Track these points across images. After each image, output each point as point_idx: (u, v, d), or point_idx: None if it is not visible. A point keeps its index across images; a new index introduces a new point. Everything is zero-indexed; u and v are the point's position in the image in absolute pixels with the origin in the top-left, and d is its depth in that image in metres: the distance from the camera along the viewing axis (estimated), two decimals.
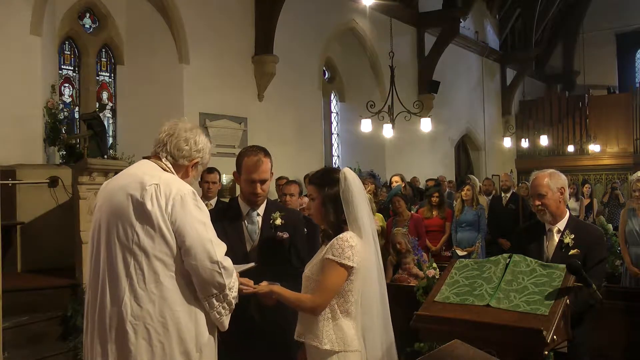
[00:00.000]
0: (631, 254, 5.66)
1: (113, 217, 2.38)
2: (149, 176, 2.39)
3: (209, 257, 2.33)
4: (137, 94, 8.77)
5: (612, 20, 20.80)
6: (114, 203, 2.40)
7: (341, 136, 13.55)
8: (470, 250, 7.75)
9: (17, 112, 6.69)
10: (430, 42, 14.33)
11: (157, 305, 2.31)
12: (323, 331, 2.64)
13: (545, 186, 3.35)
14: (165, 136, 2.54)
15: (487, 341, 2.33)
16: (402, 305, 4.15)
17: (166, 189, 2.36)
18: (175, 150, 2.51)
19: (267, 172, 3.08)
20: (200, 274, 2.33)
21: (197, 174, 2.63)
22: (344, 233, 2.69)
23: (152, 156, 2.56)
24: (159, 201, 2.33)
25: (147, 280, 2.30)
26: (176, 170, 2.52)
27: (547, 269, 2.58)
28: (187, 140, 2.52)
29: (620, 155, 18.60)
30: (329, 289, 2.64)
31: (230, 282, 2.40)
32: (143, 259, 2.31)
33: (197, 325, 2.39)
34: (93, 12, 8.78)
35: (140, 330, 2.29)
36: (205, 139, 2.60)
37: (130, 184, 2.40)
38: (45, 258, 6.18)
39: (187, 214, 2.34)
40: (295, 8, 10.20)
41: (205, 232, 2.36)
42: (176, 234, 2.33)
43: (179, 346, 2.34)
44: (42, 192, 6.33)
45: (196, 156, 2.56)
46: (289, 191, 5.42)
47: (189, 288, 2.37)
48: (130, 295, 2.30)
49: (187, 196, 2.38)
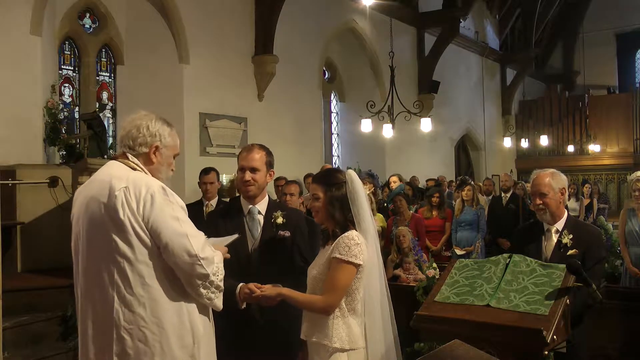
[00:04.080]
0: (631, 254, 5.66)
1: (90, 229, 2.38)
2: (117, 179, 2.36)
3: (187, 252, 2.32)
4: (137, 94, 8.77)
5: (612, 20, 20.80)
6: (89, 214, 2.39)
7: (341, 136, 13.55)
8: (469, 250, 7.75)
9: (17, 112, 6.70)
10: (430, 42, 14.33)
11: (148, 307, 2.32)
12: (333, 330, 2.66)
13: (547, 185, 3.35)
14: (122, 131, 2.52)
15: (487, 341, 2.33)
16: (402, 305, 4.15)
17: (136, 190, 2.33)
18: (130, 141, 2.47)
19: (256, 160, 3.06)
20: (182, 269, 2.34)
21: (164, 159, 2.52)
22: (350, 232, 2.73)
23: (119, 156, 2.53)
24: (130, 205, 2.31)
25: (133, 285, 2.31)
26: (141, 161, 2.47)
27: (547, 269, 2.58)
28: (138, 127, 2.47)
29: (620, 155, 18.60)
30: (340, 288, 2.67)
31: (212, 269, 2.38)
32: (126, 265, 2.31)
33: (191, 318, 2.40)
34: (93, 12, 8.79)
35: (136, 334, 2.31)
36: (159, 123, 2.51)
37: (101, 191, 2.37)
38: (45, 258, 6.19)
39: (159, 212, 2.32)
40: (295, 8, 10.20)
41: (179, 227, 2.34)
42: (152, 234, 2.32)
43: (177, 342, 2.35)
44: (42, 192, 6.33)
45: (153, 141, 2.48)
46: (289, 191, 5.42)
47: (176, 283, 2.38)
48: (120, 302, 2.31)
49: (157, 193, 2.35)
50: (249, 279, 2.87)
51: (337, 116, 13.51)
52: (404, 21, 13.57)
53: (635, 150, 18.37)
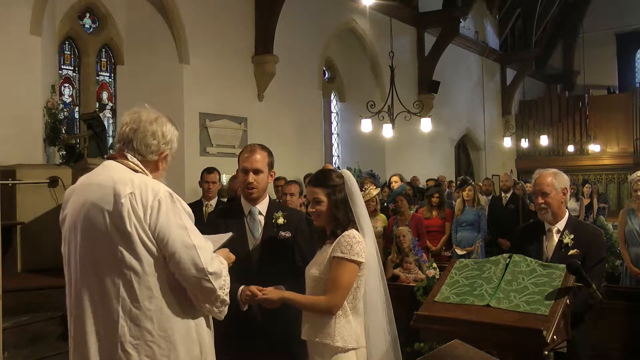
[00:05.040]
0: (631, 253, 5.66)
1: (91, 238, 2.22)
2: (122, 184, 2.19)
3: (195, 265, 2.20)
4: (137, 94, 8.76)
5: (612, 20, 20.80)
6: (89, 222, 2.22)
7: (341, 136, 13.55)
8: (470, 250, 7.76)
9: (17, 112, 6.69)
10: (430, 42, 14.33)
11: (156, 321, 2.20)
12: (336, 329, 2.66)
13: (549, 185, 3.35)
14: (129, 131, 2.32)
15: (487, 341, 2.33)
16: (402, 305, 4.15)
17: (142, 196, 2.18)
18: (142, 147, 2.31)
19: (259, 162, 3.04)
20: (188, 282, 2.23)
21: (167, 165, 2.41)
22: (349, 230, 2.73)
23: (117, 155, 2.36)
24: (137, 213, 2.17)
25: (140, 299, 2.18)
26: (145, 165, 2.33)
27: (547, 269, 2.58)
28: (154, 134, 2.31)
29: (620, 155, 18.60)
30: (343, 287, 2.66)
31: (219, 283, 2.27)
32: (133, 277, 2.17)
33: (198, 330, 2.32)
34: (93, 12, 8.79)
35: (143, 349, 2.19)
36: (172, 128, 2.39)
37: (104, 197, 2.20)
38: (45, 258, 6.18)
39: (167, 221, 2.19)
40: (295, 8, 10.20)
41: (188, 239, 2.21)
42: (158, 242, 2.19)
43: (185, 355, 2.26)
44: (42, 192, 6.33)
45: (165, 149, 2.36)
46: (289, 191, 5.43)
47: (182, 295, 2.26)
48: (125, 317, 2.18)
49: (164, 201, 2.20)
50: (250, 280, 2.86)
51: (337, 116, 13.51)
52: (404, 21, 13.57)
53: (635, 150, 18.37)
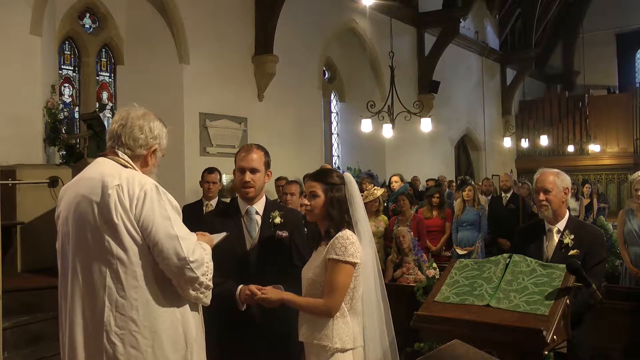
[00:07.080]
0: (631, 254, 5.67)
1: (80, 229, 2.31)
2: (110, 177, 2.29)
3: (176, 254, 2.26)
4: (137, 94, 8.75)
5: (612, 20, 20.78)
6: (80, 214, 2.31)
7: (341, 136, 13.55)
8: (470, 250, 7.76)
9: (17, 112, 6.69)
10: (430, 42, 14.33)
11: (141, 311, 2.26)
12: (334, 330, 2.66)
13: (551, 182, 3.37)
14: (118, 127, 2.42)
15: (487, 341, 2.33)
16: (402, 305, 4.15)
17: (129, 187, 2.28)
18: (130, 141, 2.40)
19: (255, 161, 3.05)
20: (171, 271, 2.30)
21: (157, 161, 2.50)
22: (343, 232, 2.73)
23: (108, 152, 2.45)
24: (123, 204, 2.25)
25: (126, 288, 2.25)
26: (134, 161, 2.42)
27: (547, 269, 2.58)
28: (141, 128, 2.41)
29: (620, 155, 18.60)
30: (340, 289, 2.67)
31: (202, 270, 2.34)
32: (119, 267, 2.25)
33: (184, 321, 2.36)
34: (93, 12, 8.79)
35: (128, 339, 2.24)
36: (160, 124, 2.48)
37: (93, 190, 2.30)
38: (45, 258, 6.16)
39: (152, 212, 2.27)
40: (295, 8, 10.20)
41: (171, 229, 2.28)
42: (142, 231, 2.27)
43: (170, 346, 2.31)
44: (42, 192, 6.32)
45: (153, 143, 2.44)
46: (289, 190, 5.43)
47: (168, 285, 2.33)
48: (111, 307, 2.24)
49: (150, 192, 2.29)
50: (247, 279, 2.87)
51: (337, 116, 13.51)
52: (403, 21, 13.57)
53: (635, 150, 18.37)
